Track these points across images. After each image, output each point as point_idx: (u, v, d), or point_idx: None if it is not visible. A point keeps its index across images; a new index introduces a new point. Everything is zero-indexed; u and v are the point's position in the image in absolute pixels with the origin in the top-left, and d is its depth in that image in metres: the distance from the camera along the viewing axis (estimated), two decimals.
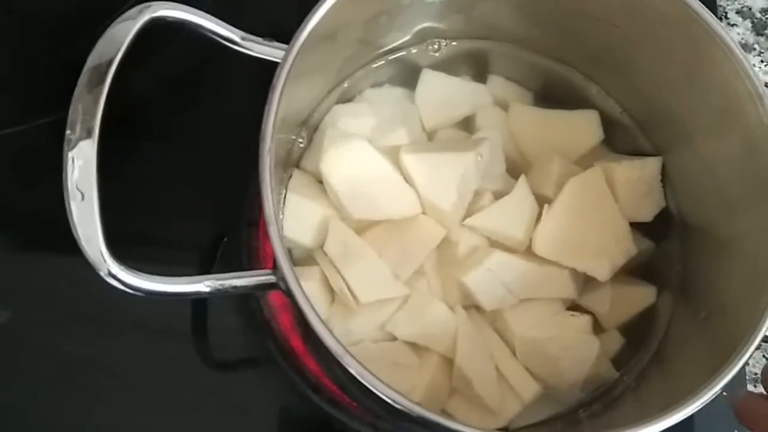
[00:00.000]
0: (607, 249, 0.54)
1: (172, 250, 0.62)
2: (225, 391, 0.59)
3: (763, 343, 0.43)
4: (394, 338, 0.53)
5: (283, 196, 0.55)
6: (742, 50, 0.47)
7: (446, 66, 0.61)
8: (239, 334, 0.61)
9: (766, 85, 0.69)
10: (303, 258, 0.56)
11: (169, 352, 0.59)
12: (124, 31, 0.44)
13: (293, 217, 0.55)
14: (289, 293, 0.41)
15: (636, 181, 0.56)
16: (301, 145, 0.57)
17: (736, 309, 0.47)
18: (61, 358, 0.58)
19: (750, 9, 0.75)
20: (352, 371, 0.40)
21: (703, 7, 0.47)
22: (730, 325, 0.46)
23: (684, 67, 0.51)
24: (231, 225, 0.62)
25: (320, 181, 0.55)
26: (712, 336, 0.49)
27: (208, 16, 0.46)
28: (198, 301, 0.60)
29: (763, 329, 0.43)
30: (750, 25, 0.74)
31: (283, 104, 0.45)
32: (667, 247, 0.57)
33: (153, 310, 0.59)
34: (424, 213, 0.55)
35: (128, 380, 0.58)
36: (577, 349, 0.53)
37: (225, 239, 0.62)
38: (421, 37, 0.59)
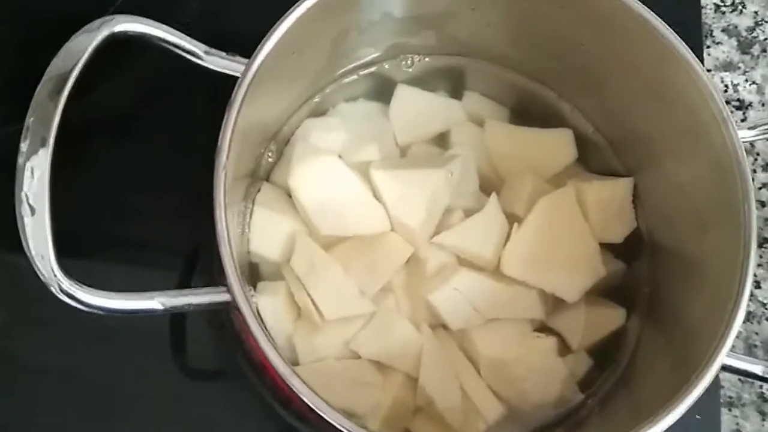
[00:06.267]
0: (576, 270, 0.54)
1: (151, 255, 0.61)
2: (192, 404, 0.58)
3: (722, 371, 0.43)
4: (359, 356, 0.52)
5: (250, 210, 0.55)
6: (707, 73, 0.46)
7: (422, 81, 0.60)
8: (210, 347, 0.60)
9: (747, 106, 0.70)
10: (271, 273, 0.55)
11: (138, 361, 0.58)
12: (84, 43, 0.44)
13: (260, 231, 0.55)
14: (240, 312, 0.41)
15: (607, 201, 0.56)
16: (270, 159, 0.57)
17: (699, 333, 0.46)
18: (32, 368, 0.58)
19: (736, 27, 0.74)
20: (301, 395, 0.39)
21: (667, 27, 0.47)
22: (693, 349, 0.45)
23: (651, 88, 0.51)
24: (206, 237, 0.61)
25: (290, 195, 0.54)
26: (676, 359, 0.48)
27: (170, 29, 0.46)
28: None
29: (722, 355, 0.43)
30: (736, 43, 0.73)
31: (245, 119, 0.45)
32: (636, 268, 0.57)
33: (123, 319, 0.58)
34: (393, 230, 0.54)
35: (97, 390, 0.57)
36: (542, 372, 0.52)
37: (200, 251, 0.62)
38: (394, 53, 0.59)
